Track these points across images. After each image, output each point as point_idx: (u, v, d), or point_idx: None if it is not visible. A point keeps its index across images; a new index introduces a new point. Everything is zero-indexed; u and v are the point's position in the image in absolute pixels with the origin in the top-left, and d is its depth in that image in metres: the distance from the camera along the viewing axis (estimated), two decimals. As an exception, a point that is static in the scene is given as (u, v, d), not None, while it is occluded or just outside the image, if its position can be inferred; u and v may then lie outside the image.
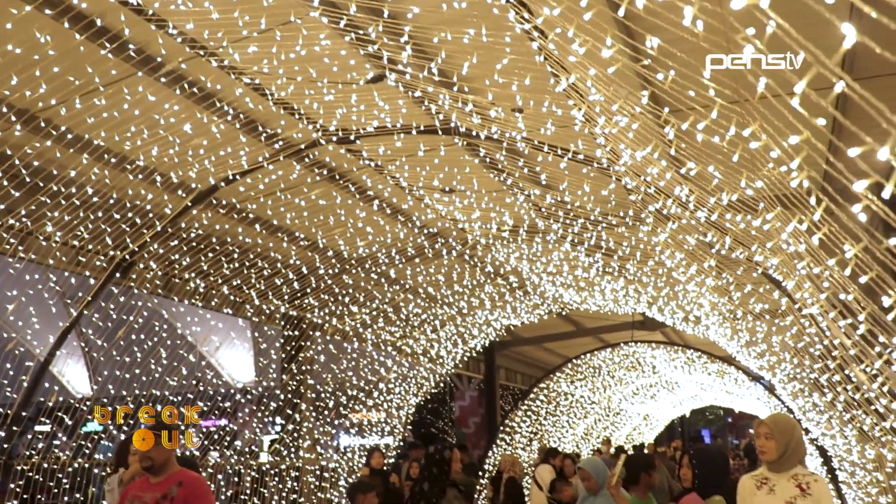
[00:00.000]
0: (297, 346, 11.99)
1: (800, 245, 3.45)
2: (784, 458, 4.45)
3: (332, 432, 12.90)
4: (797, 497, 4.34)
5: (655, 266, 8.86)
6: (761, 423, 4.59)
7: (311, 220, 9.61)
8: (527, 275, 11.65)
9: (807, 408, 9.22)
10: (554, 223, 8.82)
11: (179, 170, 8.18)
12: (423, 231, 10.43)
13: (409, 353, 13.82)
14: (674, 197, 4.96)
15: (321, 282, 11.01)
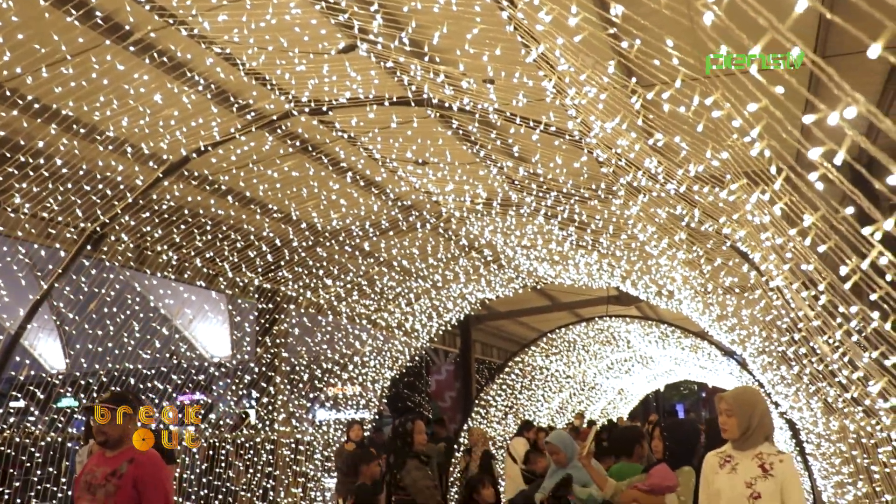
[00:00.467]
0: (272, 319, 11.96)
1: (764, 216, 3.47)
2: (747, 435, 4.26)
3: (308, 406, 12.92)
4: (757, 478, 4.14)
5: (628, 240, 8.90)
6: (721, 399, 4.40)
7: (284, 192, 9.56)
8: (501, 248, 11.67)
9: (775, 381, 9.34)
10: (527, 196, 8.82)
11: (150, 141, 8.09)
12: (396, 204, 10.41)
13: (383, 326, 13.84)
14: (644, 169, 4.98)
15: (295, 254, 10.97)
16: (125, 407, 4.98)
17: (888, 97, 7.67)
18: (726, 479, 4.24)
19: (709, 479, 4.42)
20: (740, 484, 4.14)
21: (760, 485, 4.10)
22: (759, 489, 4.09)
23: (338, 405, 14.14)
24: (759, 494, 4.08)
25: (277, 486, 11.82)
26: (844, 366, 4.35)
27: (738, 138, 2.79)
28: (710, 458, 4.50)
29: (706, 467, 4.48)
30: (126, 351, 9.94)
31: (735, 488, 4.16)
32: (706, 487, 4.45)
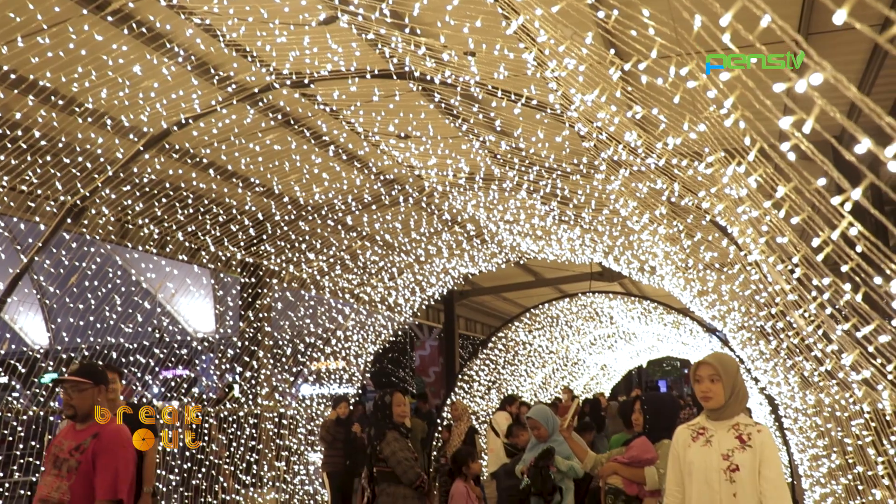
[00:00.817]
0: (255, 293, 11.95)
1: (741, 190, 3.48)
2: (728, 403, 3.98)
3: (291, 380, 12.94)
4: (735, 450, 3.88)
5: (610, 215, 8.92)
6: (704, 364, 4.06)
7: (266, 166, 9.52)
8: (484, 223, 11.67)
9: (755, 356, 9.41)
10: (510, 171, 8.82)
11: (130, 113, 8.02)
12: (379, 178, 10.38)
13: (366, 300, 13.84)
14: (624, 143, 4.98)
15: (277, 228, 10.95)
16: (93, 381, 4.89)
17: (872, 74, 7.70)
18: (700, 453, 3.98)
19: (679, 454, 4.13)
20: (716, 457, 3.90)
21: (738, 457, 3.85)
22: (737, 461, 3.84)
23: (321, 380, 14.15)
24: (738, 467, 3.83)
25: (261, 460, 11.86)
26: (819, 339, 4.36)
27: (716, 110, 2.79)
28: (680, 431, 4.21)
29: (676, 441, 4.19)
30: (108, 325, 9.91)
31: (710, 461, 3.91)
32: (675, 462, 4.16)
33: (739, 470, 3.82)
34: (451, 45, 5.80)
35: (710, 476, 3.91)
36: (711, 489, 3.89)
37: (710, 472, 3.91)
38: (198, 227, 10.26)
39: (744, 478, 3.81)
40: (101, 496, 4.66)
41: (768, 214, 3.27)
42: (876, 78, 7.77)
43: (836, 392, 5.32)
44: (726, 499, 3.83)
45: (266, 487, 11.82)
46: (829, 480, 7.41)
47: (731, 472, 3.85)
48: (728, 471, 3.86)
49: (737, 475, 3.83)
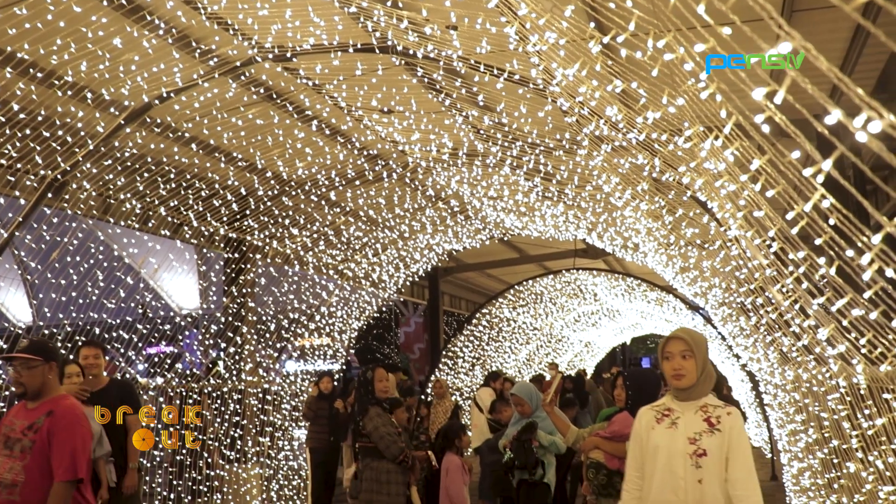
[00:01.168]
0: (238, 268, 11.92)
1: (719, 164, 3.50)
2: (699, 382, 3.75)
3: (275, 356, 12.94)
4: (703, 433, 3.64)
5: (593, 191, 8.94)
6: (674, 339, 3.80)
7: (248, 141, 9.46)
8: (468, 199, 11.67)
9: (735, 333, 9.48)
10: (493, 146, 8.81)
11: (111, 86, 7.93)
12: (362, 153, 10.35)
13: (350, 277, 13.84)
14: (605, 118, 4.99)
15: (260, 203, 10.91)
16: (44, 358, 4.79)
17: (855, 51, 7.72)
18: (665, 435, 3.72)
19: (642, 436, 3.87)
20: (682, 440, 3.65)
21: (706, 441, 3.61)
22: (704, 445, 3.61)
23: (305, 356, 14.17)
24: (705, 451, 3.60)
25: (245, 436, 11.89)
26: (797, 314, 4.40)
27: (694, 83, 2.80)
28: (644, 412, 3.97)
29: (640, 423, 3.93)
30: (91, 301, 9.87)
31: (676, 445, 3.66)
32: (638, 445, 3.91)
33: (706, 455, 3.60)
34: (434, 20, 5.77)
35: (675, 461, 3.66)
36: (675, 475, 3.64)
37: (675, 456, 3.66)
38: (180, 202, 10.20)
39: (710, 464, 3.59)
40: (62, 476, 4.56)
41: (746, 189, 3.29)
42: (859, 56, 7.79)
43: (813, 367, 5.37)
44: (691, 486, 3.60)
45: (250, 463, 11.86)
46: (806, 455, 7.50)
47: (698, 457, 3.61)
48: (694, 455, 3.62)
49: (703, 461, 3.60)
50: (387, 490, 6.38)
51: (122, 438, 6.72)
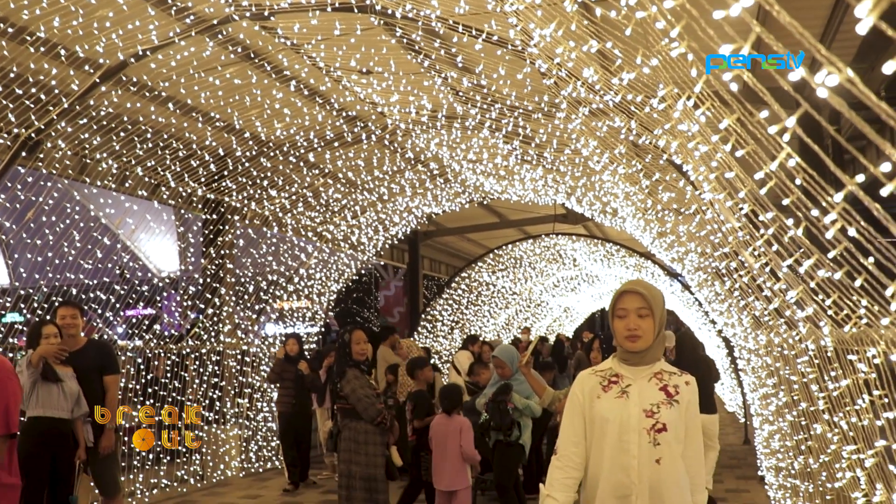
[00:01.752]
0: (216, 230, 11.88)
1: (693, 125, 3.50)
2: (654, 344, 3.20)
3: (254, 318, 12.95)
4: (660, 405, 3.10)
5: (572, 155, 8.94)
6: (630, 294, 3.21)
7: (226, 101, 9.37)
8: (447, 162, 11.65)
9: (711, 298, 9.56)
10: (472, 108, 8.77)
11: (85, 43, 7.81)
12: (341, 114, 10.28)
13: (329, 239, 13.82)
14: (582, 79, 4.98)
15: (238, 165, 10.84)
16: None
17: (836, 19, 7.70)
18: (615, 406, 3.13)
19: (583, 406, 3.24)
20: (636, 412, 3.09)
21: (665, 413, 3.08)
22: (663, 419, 3.07)
23: (283, 319, 14.18)
24: (665, 426, 3.07)
25: (224, 397, 11.93)
26: (768, 277, 4.42)
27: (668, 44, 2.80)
28: (585, 377, 3.33)
29: (582, 390, 3.28)
30: (67, 262, 9.80)
31: (629, 418, 3.09)
32: (575, 415, 3.27)
33: (666, 430, 3.05)
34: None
35: (628, 437, 3.07)
36: (627, 453, 3.06)
37: (628, 432, 3.07)
38: (157, 162, 10.13)
39: (670, 441, 3.06)
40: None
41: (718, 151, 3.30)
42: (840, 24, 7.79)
43: (784, 331, 5.43)
44: (647, 467, 3.04)
45: (229, 424, 11.92)
46: (776, 418, 7.62)
47: (657, 432, 3.05)
48: (652, 431, 3.05)
49: (663, 437, 3.05)
50: (364, 451, 6.44)
51: (99, 399, 6.73)
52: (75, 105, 8.33)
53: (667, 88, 3.39)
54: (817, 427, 5.00)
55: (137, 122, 9.37)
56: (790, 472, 7.30)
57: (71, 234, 9.61)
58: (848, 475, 4.24)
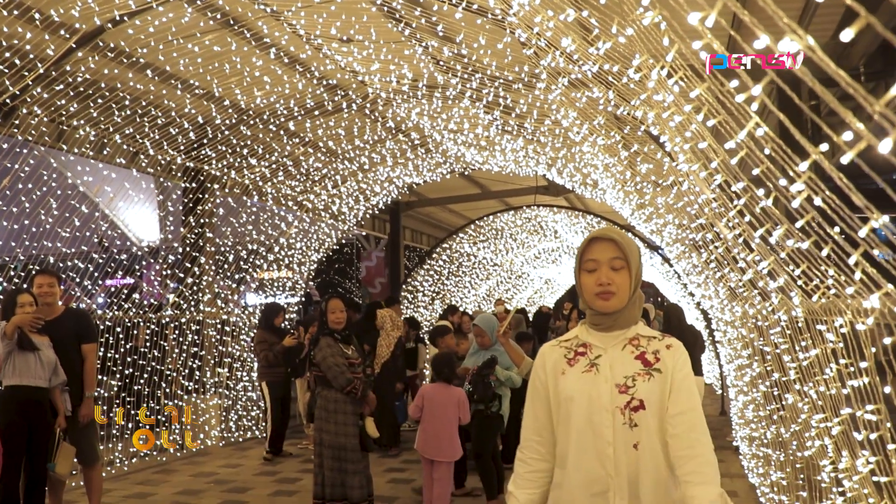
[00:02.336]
0: (196, 198, 11.82)
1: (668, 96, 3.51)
2: (630, 304, 2.64)
3: (234, 287, 12.92)
4: (636, 377, 2.54)
5: (552, 126, 8.93)
6: (601, 242, 2.63)
7: (205, 68, 9.29)
8: (428, 132, 11.61)
9: (689, 269, 9.62)
10: (452, 78, 8.74)
11: (60, 7, 7.72)
12: (322, 83, 10.21)
13: (309, 208, 13.79)
14: (561, 49, 4.97)
15: (218, 133, 10.76)
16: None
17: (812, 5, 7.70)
18: (583, 382, 2.58)
19: (547, 384, 2.69)
20: (608, 388, 2.54)
21: (642, 387, 2.51)
22: (641, 394, 2.51)
23: (264, 288, 14.17)
24: (642, 403, 2.50)
25: (203, 366, 11.93)
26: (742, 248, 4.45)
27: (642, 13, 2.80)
28: (548, 351, 2.76)
29: (544, 366, 2.73)
30: (44, 230, 9.72)
31: (600, 396, 2.55)
32: (540, 396, 2.72)
33: (645, 408, 2.49)
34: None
35: (599, 418, 2.51)
36: (600, 437, 2.51)
37: (599, 411, 2.52)
38: (136, 129, 10.04)
39: (650, 421, 2.49)
40: None
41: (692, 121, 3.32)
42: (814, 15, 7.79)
43: (758, 303, 5.48)
44: (623, 452, 2.50)
45: (209, 394, 11.93)
46: (751, 388, 7.72)
47: (632, 411, 2.49)
48: (627, 409, 2.50)
49: (640, 416, 2.49)
50: (334, 419, 6.48)
51: (78, 367, 6.73)
52: (51, 70, 8.24)
53: (642, 58, 3.39)
54: (789, 397, 5.08)
55: (115, 89, 9.28)
56: (763, 441, 7.42)
57: (48, 202, 9.53)
58: (817, 444, 4.32)
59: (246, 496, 8.52)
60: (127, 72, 9.13)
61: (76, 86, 8.81)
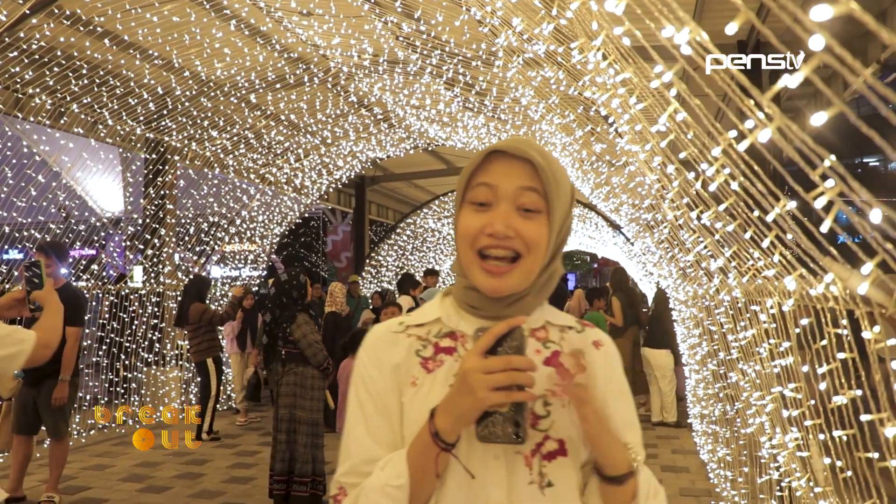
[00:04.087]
0: (156, 170, 11.72)
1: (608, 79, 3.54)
2: (544, 274, 1.52)
3: (195, 259, 12.86)
4: (551, 396, 1.41)
5: (512, 103, 8.97)
6: (507, 158, 1.45)
7: (164, 38, 9.18)
8: (391, 107, 11.59)
9: (644, 249, 9.74)
10: (413, 54, 8.73)
11: (13, -28, 7.60)
12: (283, 55, 10.14)
13: (272, 181, 13.73)
14: (511, 28, 4.99)
15: (178, 104, 10.67)
16: None
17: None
18: None
19: (386, 400, 1.48)
20: None
21: (562, 417, 1.45)
22: (560, 430, 1.44)
23: (226, 260, 14.11)
24: (562, 445, 1.44)
25: (163, 338, 11.89)
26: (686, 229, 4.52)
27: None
28: (383, 340, 1.56)
29: (379, 362, 1.52)
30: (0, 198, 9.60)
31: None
32: (379, 408, 1.48)
33: (566, 454, 1.43)
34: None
35: (483, 475, 1.40)
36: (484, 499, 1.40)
37: (483, 463, 1.41)
38: (94, 99, 9.92)
39: (571, 475, 1.44)
40: None
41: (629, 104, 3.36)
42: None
43: (705, 283, 5.58)
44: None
45: (169, 366, 11.91)
46: (701, 367, 7.87)
47: (545, 459, 1.42)
48: (536, 457, 1.42)
49: (558, 469, 1.43)
50: (310, 395, 6.56)
51: (58, 349, 6.72)
52: (4, 37, 8.10)
53: (580, 41, 3.43)
54: (732, 375, 5.19)
55: (72, 57, 9.15)
56: (712, 418, 7.58)
57: (3, 170, 9.40)
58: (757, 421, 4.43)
59: (204, 468, 8.55)
60: (84, 40, 9.00)
61: (31, 53, 8.69)
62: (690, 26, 1.37)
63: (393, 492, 1.35)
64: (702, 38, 1.38)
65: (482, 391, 1.26)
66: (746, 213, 2.44)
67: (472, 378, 1.27)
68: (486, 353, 1.28)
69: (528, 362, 1.28)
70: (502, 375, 1.26)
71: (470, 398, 1.27)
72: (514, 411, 1.27)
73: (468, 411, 1.29)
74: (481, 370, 1.26)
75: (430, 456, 1.34)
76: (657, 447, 9.61)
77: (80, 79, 9.44)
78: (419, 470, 1.36)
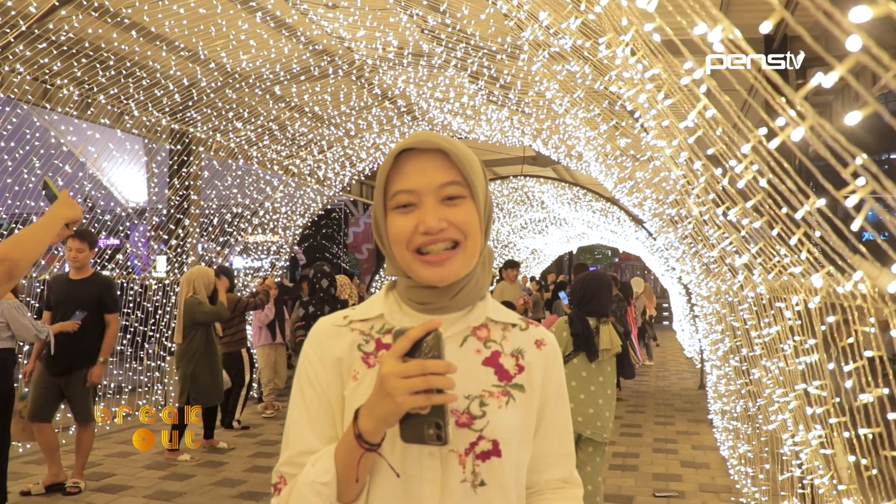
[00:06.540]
0: (181, 161, 11.81)
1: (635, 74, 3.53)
2: (479, 266, 1.57)
3: (218, 249, 12.95)
4: (488, 396, 1.48)
5: (536, 97, 8.95)
6: (420, 154, 1.48)
7: (191, 30, 9.24)
8: (414, 99, 11.60)
9: (668, 244, 9.70)
10: (437, 47, 8.73)
11: (42, -35, 7.68)
12: (308, 48, 10.18)
13: (295, 173, 13.79)
14: (538, 22, 4.99)
15: (204, 95, 10.73)
16: None
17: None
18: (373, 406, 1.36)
19: (328, 393, 1.52)
20: None
21: (498, 417, 1.48)
22: (496, 430, 1.47)
23: (248, 251, 14.20)
24: (496, 446, 1.46)
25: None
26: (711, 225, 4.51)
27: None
28: (328, 330, 1.58)
29: (321, 355, 1.55)
30: (28, 189, 9.71)
31: None
32: (318, 394, 1.53)
33: (500, 454, 1.46)
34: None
35: (417, 472, 1.44)
36: (418, 499, 1.44)
37: (417, 460, 1.44)
38: (121, 90, 10.01)
39: (506, 475, 1.47)
40: None
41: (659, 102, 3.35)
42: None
43: (729, 279, 5.56)
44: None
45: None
46: (723, 363, 7.85)
47: (479, 459, 1.45)
48: (471, 457, 1.45)
49: (491, 469, 1.45)
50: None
51: (89, 330, 7.09)
52: (34, 28, 8.19)
53: (608, 35, 3.43)
54: (755, 372, 5.18)
55: (100, 49, 9.23)
56: (733, 414, 7.56)
57: (31, 160, 9.51)
58: (780, 418, 4.42)
59: (226, 456, 8.63)
60: (112, 31, 9.08)
61: (60, 44, 8.77)
62: (724, 24, 1.37)
63: (321, 488, 1.40)
64: (734, 36, 1.38)
65: (400, 396, 1.28)
66: (774, 209, 2.44)
67: (388, 383, 1.29)
68: (405, 356, 1.32)
69: (446, 366, 1.30)
70: (419, 380, 1.28)
71: (389, 402, 1.30)
72: (435, 413, 1.30)
73: (389, 415, 1.31)
74: (398, 375, 1.29)
75: (356, 456, 1.37)
76: (677, 443, 9.60)
77: (108, 70, 9.52)
78: (345, 469, 1.39)
